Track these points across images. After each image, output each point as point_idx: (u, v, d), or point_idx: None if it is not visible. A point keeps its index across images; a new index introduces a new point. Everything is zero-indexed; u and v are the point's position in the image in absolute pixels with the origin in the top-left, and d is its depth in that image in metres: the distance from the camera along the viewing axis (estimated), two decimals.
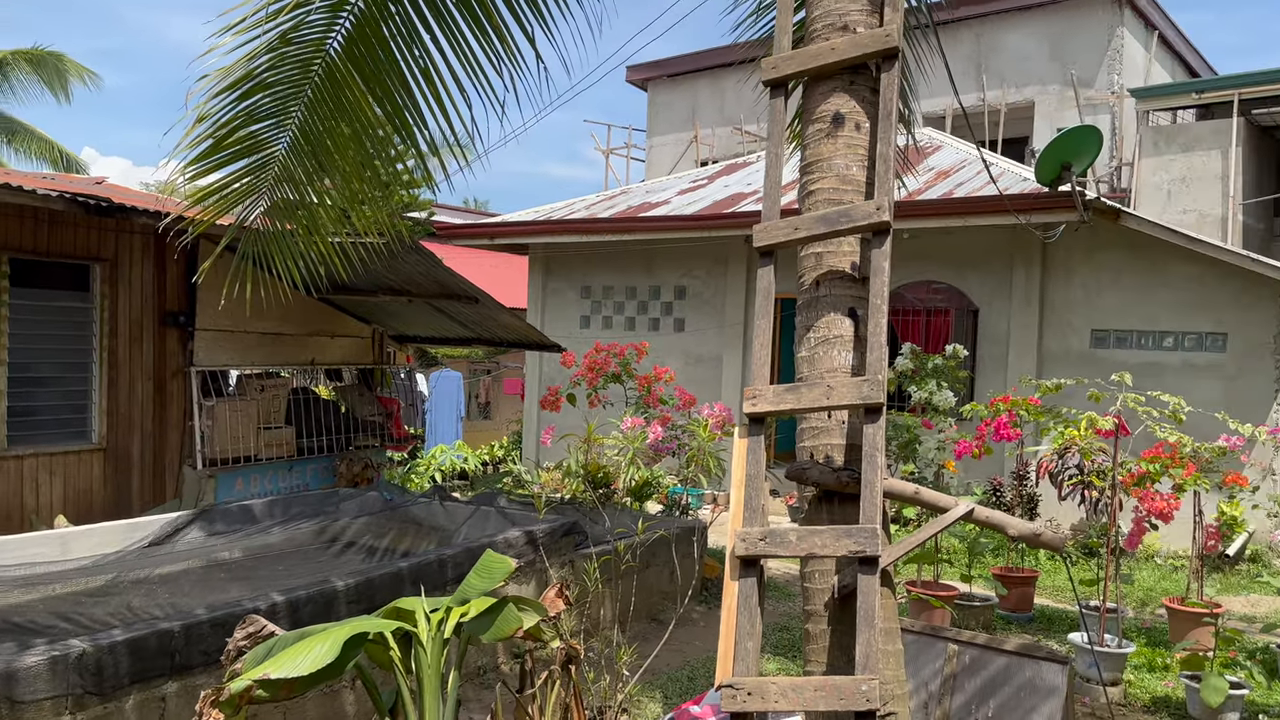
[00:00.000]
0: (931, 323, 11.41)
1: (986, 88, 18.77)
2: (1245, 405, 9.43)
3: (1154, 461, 6.27)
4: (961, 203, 10.21)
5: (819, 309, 3.42)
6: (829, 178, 3.43)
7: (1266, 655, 6.39)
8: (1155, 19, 18.99)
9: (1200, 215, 17.10)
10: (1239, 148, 17.06)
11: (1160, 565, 9.38)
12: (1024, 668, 3.74)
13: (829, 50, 3.39)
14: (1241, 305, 9.69)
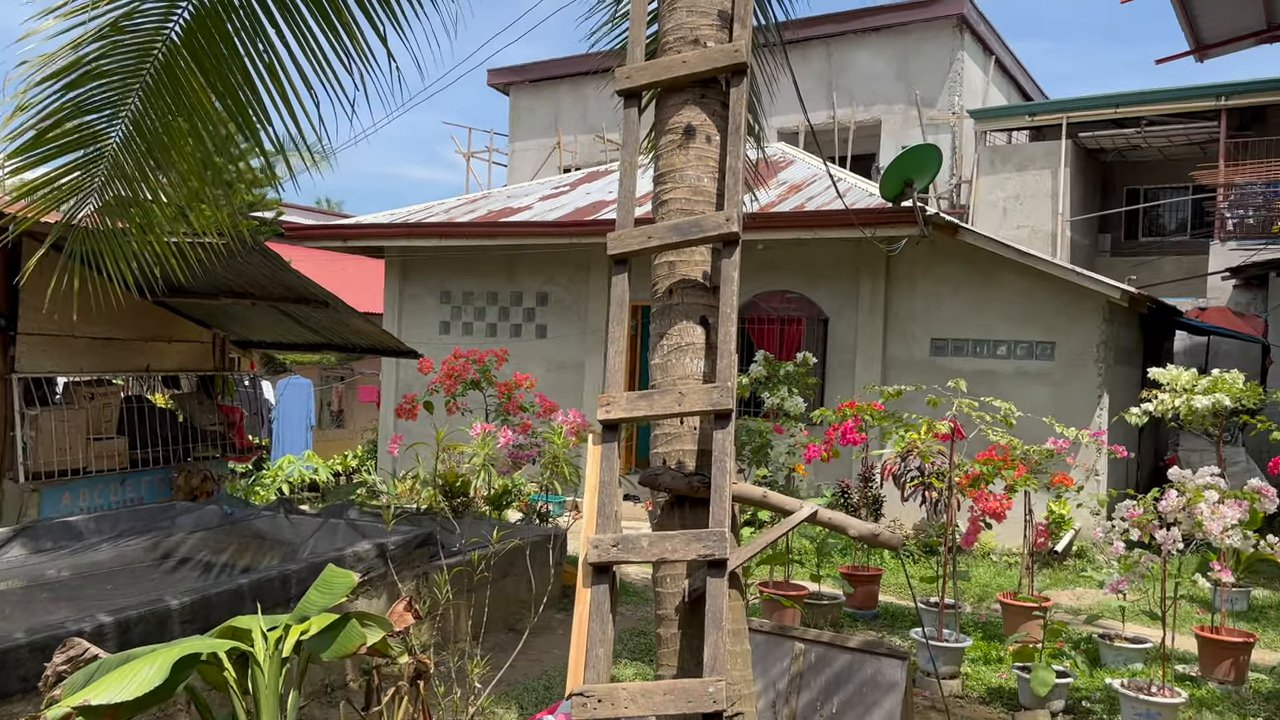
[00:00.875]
0: (785, 331, 11.74)
1: (837, 105, 19.50)
2: (1072, 410, 10.08)
3: (987, 464, 6.63)
4: (812, 216, 10.56)
5: (672, 317, 3.47)
6: (682, 188, 3.49)
7: (1090, 645, 6.84)
8: (993, 45, 20.16)
9: (1033, 231, 18.25)
10: (1067, 168, 18.30)
11: (995, 562, 9.91)
12: (866, 664, 3.89)
13: (680, 63, 3.44)
14: (1068, 316, 10.36)
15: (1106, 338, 10.24)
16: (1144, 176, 20.42)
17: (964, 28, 18.72)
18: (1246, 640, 6.32)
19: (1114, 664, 6.42)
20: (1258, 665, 6.62)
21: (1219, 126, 16.98)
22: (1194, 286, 17.38)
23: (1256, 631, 7.20)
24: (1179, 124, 17.81)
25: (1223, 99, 16.71)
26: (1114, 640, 6.58)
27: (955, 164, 19.19)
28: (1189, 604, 8.11)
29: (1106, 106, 17.71)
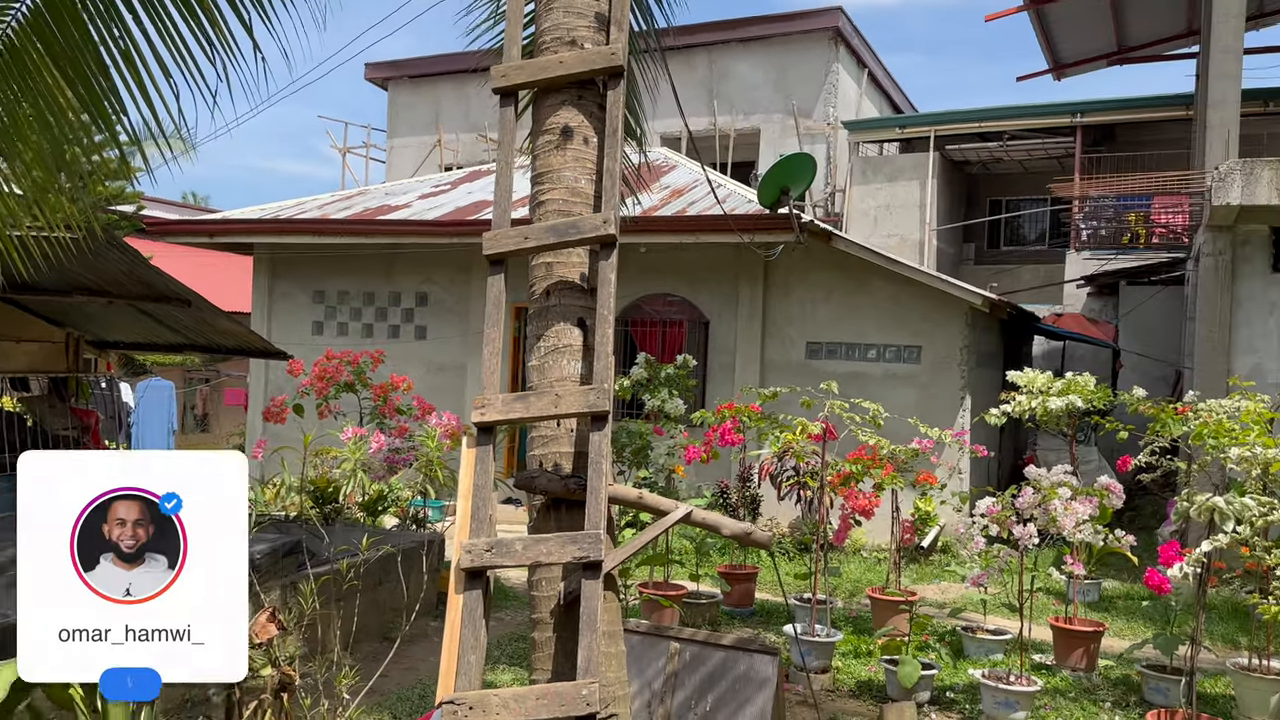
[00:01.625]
0: (667, 334, 11.85)
1: (718, 113, 19.80)
2: (937, 411, 10.49)
3: (857, 463, 6.84)
4: (693, 220, 10.69)
5: (549, 319, 3.45)
6: (559, 189, 3.47)
7: (954, 637, 7.13)
8: (866, 58, 20.83)
9: (902, 239, 18.92)
10: (935, 179, 19.05)
11: (866, 558, 10.23)
12: (739, 661, 3.95)
13: (557, 64, 3.43)
14: (934, 321, 10.78)
15: (969, 342, 10.70)
16: (1006, 188, 21.45)
17: (839, 41, 19.28)
18: (1097, 630, 6.70)
19: (976, 655, 6.70)
20: (1107, 653, 7.01)
21: (1075, 142, 17.98)
22: (1051, 294, 18.35)
23: (1106, 621, 7.62)
24: (1038, 139, 18.78)
25: (1078, 116, 17.70)
26: (976, 632, 6.87)
27: (830, 173, 19.74)
28: (1046, 596, 8.53)
29: (971, 121, 18.53)
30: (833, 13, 18.95)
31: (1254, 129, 15.70)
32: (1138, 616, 8.10)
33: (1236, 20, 10.05)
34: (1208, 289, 9.81)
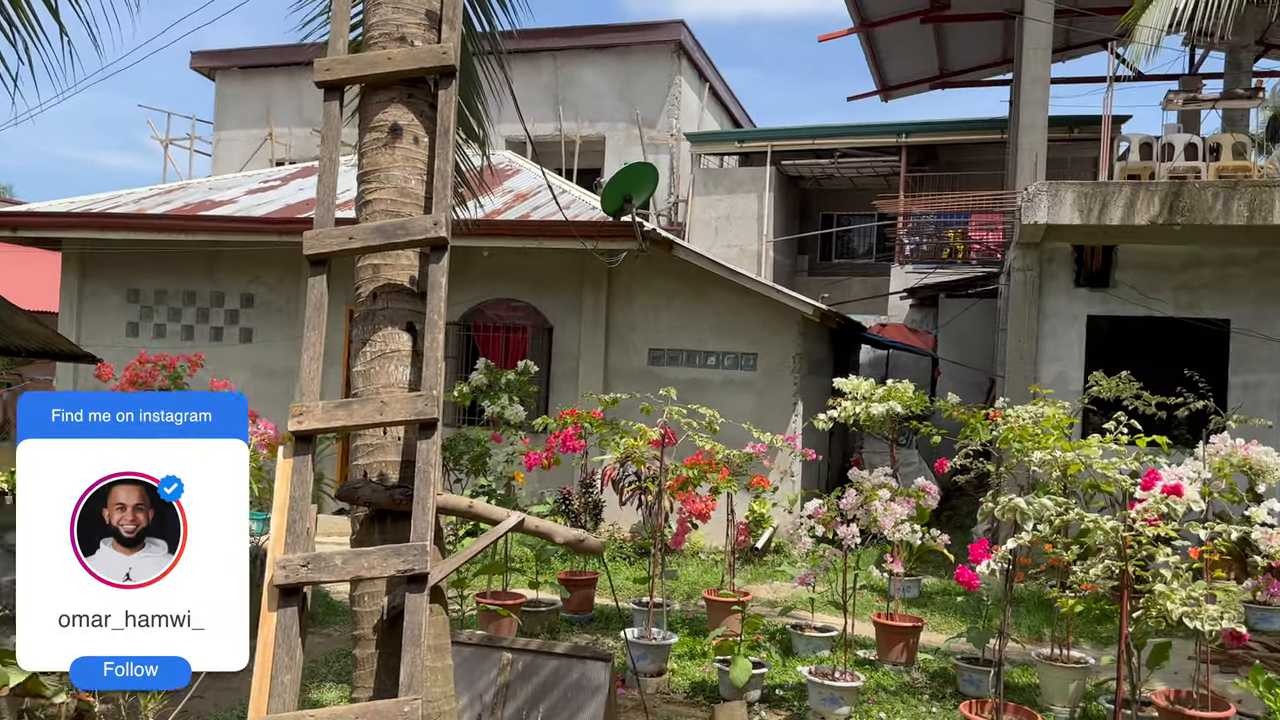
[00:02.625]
0: (511, 339, 11.73)
1: (563, 118, 19.81)
2: (772, 416, 10.81)
3: (694, 468, 6.95)
4: (537, 225, 10.63)
5: (376, 322, 3.34)
6: (387, 189, 3.36)
7: (784, 635, 7.33)
8: (708, 72, 21.30)
9: (741, 250, 19.42)
10: (771, 193, 19.65)
11: (704, 560, 10.41)
12: (572, 668, 3.93)
13: (386, 60, 3.33)
14: (769, 330, 11.11)
15: (802, 350, 11.08)
16: (838, 203, 22.38)
17: (681, 54, 19.65)
18: (916, 625, 7.04)
19: (805, 653, 6.92)
20: (925, 646, 7.37)
21: (900, 161, 18.94)
22: (878, 305, 19.26)
23: (925, 616, 8.02)
24: (867, 157, 19.68)
25: (903, 136, 18.66)
26: (805, 630, 7.10)
27: (673, 183, 20.07)
28: (870, 593, 8.91)
29: (806, 137, 19.23)
30: (675, 26, 19.29)
31: (1061, 153, 16.97)
32: (954, 611, 8.55)
33: (1045, 51, 10.82)
34: (1017, 302, 10.51)
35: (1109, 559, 4.28)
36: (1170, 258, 10.16)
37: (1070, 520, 4.41)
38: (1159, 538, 4.24)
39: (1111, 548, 4.29)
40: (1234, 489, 5.61)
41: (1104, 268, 10.29)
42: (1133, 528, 4.25)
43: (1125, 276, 10.27)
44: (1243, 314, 9.99)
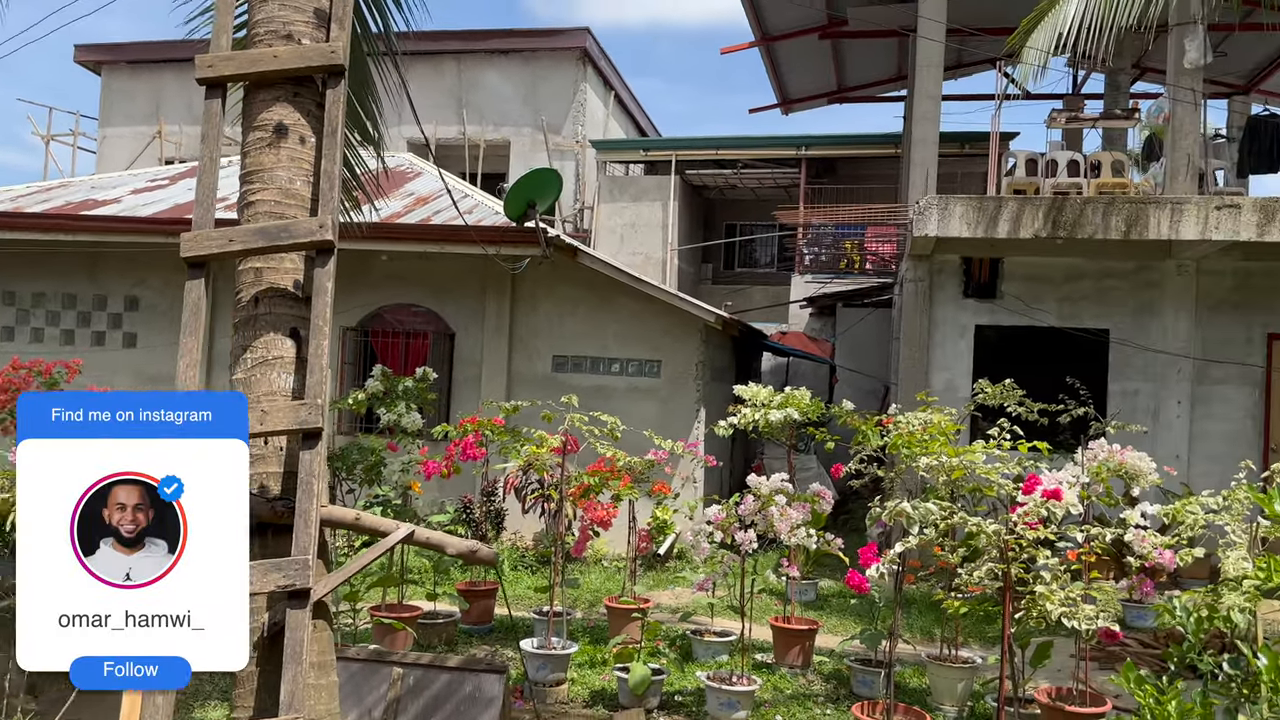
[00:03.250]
0: (411, 345, 11.53)
1: (467, 122, 19.61)
2: (675, 423, 10.88)
3: (596, 475, 6.93)
4: (438, 230, 10.48)
5: (258, 328, 3.23)
6: (271, 189, 3.26)
7: (684, 641, 7.36)
8: (613, 80, 21.37)
9: (646, 258, 19.52)
10: (676, 201, 19.81)
11: (607, 568, 10.40)
12: (465, 682, 3.86)
13: (271, 57, 3.22)
14: (673, 337, 11.17)
15: (704, 357, 11.18)
16: (741, 213, 22.70)
17: (587, 61, 19.66)
18: (811, 627, 7.16)
19: (704, 658, 6.96)
20: (821, 649, 7.49)
21: (800, 173, 19.32)
22: (779, 313, 19.59)
23: (821, 619, 8.16)
24: (768, 169, 20.02)
25: (803, 149, 19.05)
26: (704, 635, 7.14)
27: (579, 190, 20.06)
28: (769, 597, 9.03)
29: (709, 148, 19.46)
30: (580, 33, 19.30)
31: (952, 168, 17.55)
32: (849, 613, 8.73)
33: (936, 69, 11.18)
34: (909, 312, 10.81)
35: (992, 561, 4.43)
36: (1053, 270, 10.60)
37: (955, 524, 4.54)
38: (1039, 540, 4.41)
39: (994, 550, 4.43)
40: (1110, 493, 5.87)
41: (991, 279, 10.67)
42: (1014, 531, 4.41)
43: (1011, 288, 10.67)
44: (1121, 324, 10.48)
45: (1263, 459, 9.85)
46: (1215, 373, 10.26)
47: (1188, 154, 10.07)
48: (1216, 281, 10.31)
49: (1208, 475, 9.65)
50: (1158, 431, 10.23)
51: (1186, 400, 10.27)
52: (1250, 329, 10.25)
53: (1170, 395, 10.30)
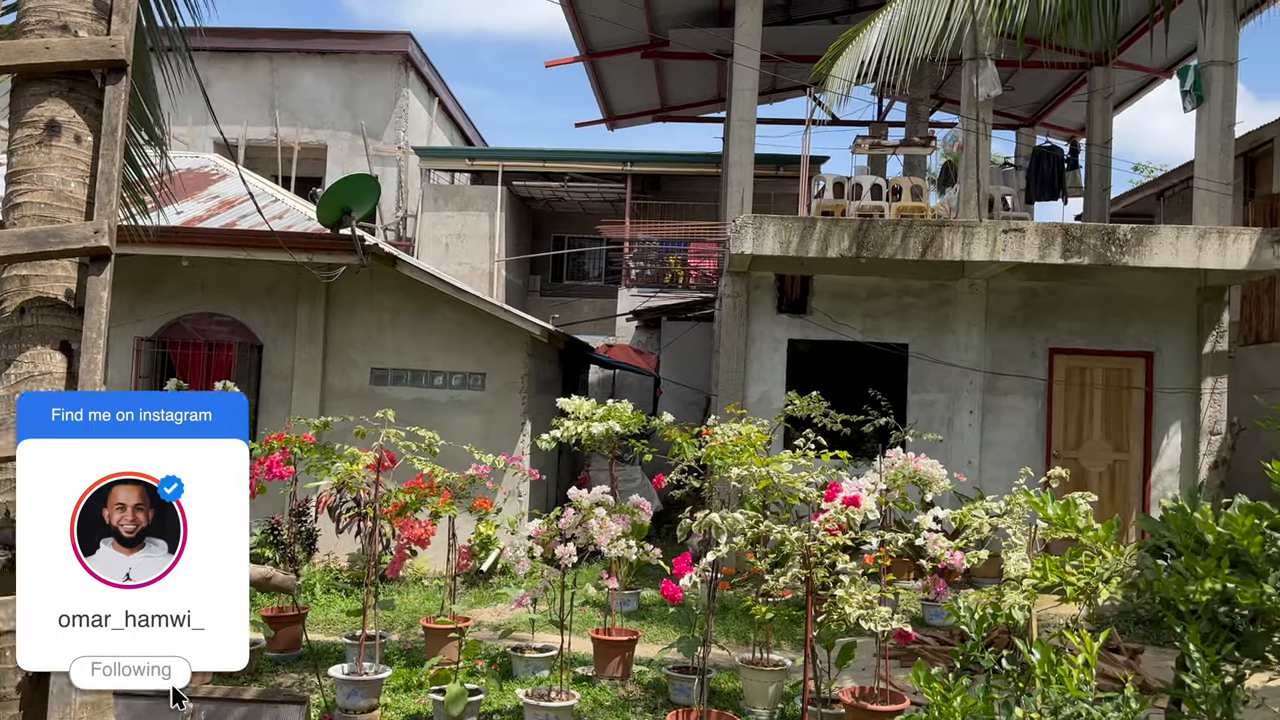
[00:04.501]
0: (214, 357, 10.91)
1: (280, 123, 18.81)
2: (500, 436, 10.76)
3: (412, 492, 6.75)
4: (243, 235, 9.97)
5: (24, 341, 2.97)
6: (41, 191, 3.01)
7: (504, 659, 7.27)
8: (437, 87, 21.03)
9: (473, 268, 19.27)
10: (504, 212, 19.67)
11: (428, 587, 10.15)
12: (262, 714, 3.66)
13: (43, 49, 2.98)
14: (497, 349, 11.06)
15: (530, 370, 11.13)
16: (568, 225, 22.79)
17: (409, 66, 19.27)
18: (631, 638, 7.22)
19: (525, 675, 6.90)
20: (641, 659, 7.58)
21: (626, 188, 19.59)
22: (607, 326, 19.77)
23: (642, 629, 8.26)
24: (595, 183, 20.19)
25: (629, 165, 19.32)
26: (525, 652, 7.08)
27: (402, 197, 19.60)
28: (593, 609, 9.06)
29: (536, 160, 19.45)
30: (402, 38, 18.90)
31: (769, 189, 18.23)
32: (669, 622, 8.87)
33: (751, 93, 11.60)
34: (728, 326, 11.15)
35: (796, 567, 4.60)
36: (858, 287, 11.18)
37: (762, 532, 4.70)
38: (839, 545, 4.62)
39: (798, 556, 4.61)
40: (905, 498, 6.23)
41: (803, 295, 11.15)
42: (816, 537, 4.60)
43: (820, 304, 11.18)
44: (919, 339, 11.16)
45: (1045, 464, 10.71)
46: (1003, 384, 11.08)
47: (978, 181, 10.86)
48: (1004, 300, 11.14)
49: (996, 480, 10.42)
50: (952, 439, 10.95)
51: (978, 410, 11.04)
52: (1034, 344, 11.13)
53: (963, 405, 11.05)
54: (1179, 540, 3.86)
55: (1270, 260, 9.65)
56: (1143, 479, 10.94)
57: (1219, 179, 10.42)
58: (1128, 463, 11.00)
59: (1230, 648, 3.86)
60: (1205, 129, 10.54)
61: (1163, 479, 10.85)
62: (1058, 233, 9.83)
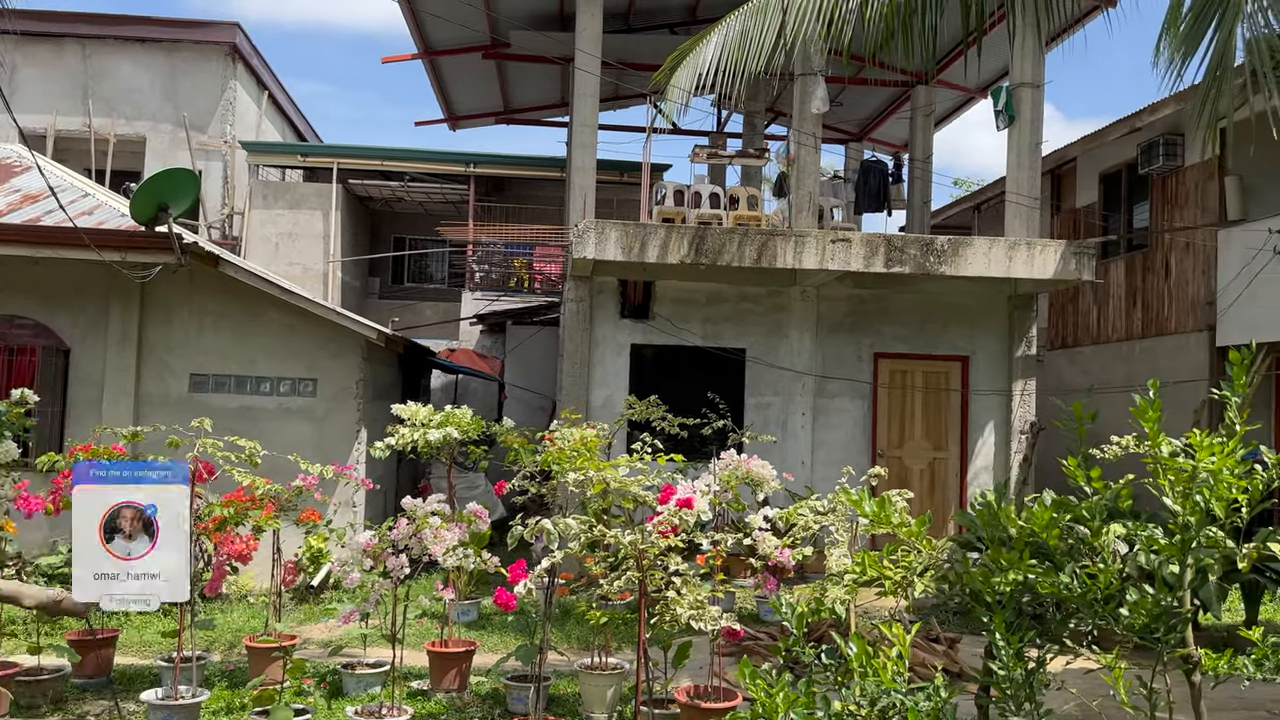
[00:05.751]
0: (15, 363, 10.07)
1: (94, 114, 17.61)
2: (334, 445, 10.37)
3: (231, 505, 6.41)
4: (47, 232, 9.25)
5: None
6: None
7: (335, 676, 6.99)
8: (267, 80, 20.16)
9: (305, 269, 18.57)
10: (339, 211, 19.04)
11: (254, 604, 9.66)
12: None
13: None
14: (330, 353, 10.65)
15: (366, 375, 10.78)
16: (409, 226, 22.26)
17: (237, 58, 18.40)
18: (469, 649, 7.08)
19: (356, 692, 6.65)
20: (480, 669, 7.43)
21: (469, 189, 19.31)
22: (452, 330, 19.42)
23: (482, 639, 8.12)
24: (437, 183, 19.81)
25: (472, 166, 19.06)
26: (356, 668, 6.83)
27: (228, 194, 18.68)
28: (431, 621, 8.83)
29: (375, 158, 18.92)
30: (230, 28, 18.03)
31: (612, 194, 18.37)
32: (510, 630, 8.76)
33: (593, 99, 11.63)
34: (571, 330, 11.14)
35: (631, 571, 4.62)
36: (698, 294, 11.40)
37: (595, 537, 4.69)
38: (672, 548, 4.67)
39: (632, 560, 4.63)
40: (738, 499, 6.37)
41: (645, 300, 11.27)
42: (650, 540, 4.63)
43: (662, 309, 11.33)
44: (755, 344, 11.47)
45: (871, 463, 11.20)
46: (832, 388, 11.53)
47: (809, 192, 11.26)
48: (834, 306, 11.60)
49: (827, 479, 10.81)
50: (786, 440, 11.31)
51: (810, 412, 11.44)
52: (860, 348, 11.63)
53: (796, 408, 11.42)
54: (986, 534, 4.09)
55: (1073, 270, 10.42)
56: (960, 475, 11.60)
57: (1028, 194, 11.17)
58: (946, 460, 11.64)
59: (1033, 635, 4.11)
60: (1016, 147, 11.28)
61: (979, 475, 11.53)
62: (881, 243, 10.31)
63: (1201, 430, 3.90)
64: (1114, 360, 13.89)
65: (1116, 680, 3.83)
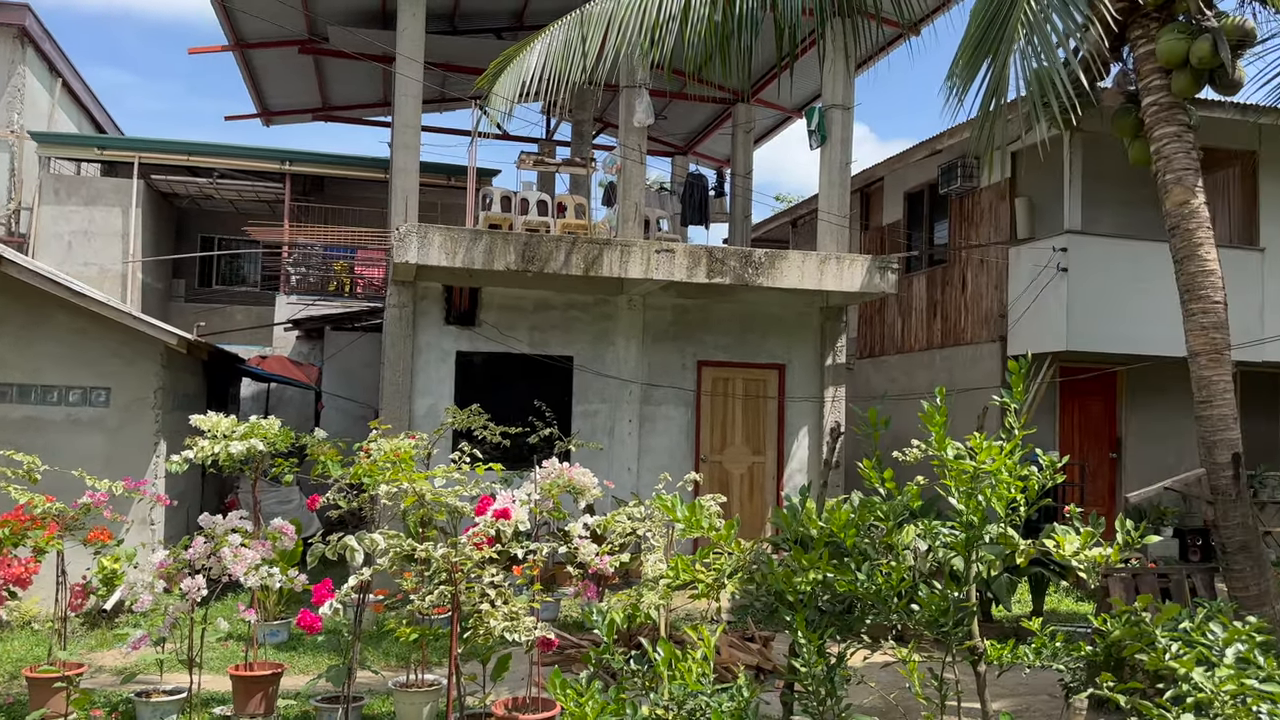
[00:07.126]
0: None
1: None
2: (129, 458, 9.69)
3: (4, 526, 5.87)
4: None
5: None
6: None
7: (128, 706, 6.51)
8: (61, 67, 18.70)
9: (102, 270, 17.31)
10: (140, 208, 17.85)
11: (38, 631, 8.89)
12: None
13: None
14: (125, 360, 9.95)
15: (166, 383, 10.14)
16: (219, 226, 21.08)
17: (27, 41, 16.96)
18: (276, 671, 6.73)
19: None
20: (289, 691, 7.09)
21: (285, 188, 18.49)
22: (265, 336, 18.51)
23: (292, 660, 7.76)
24: (250, 180, 18.86)
25: (288, 164, 18.26)
26: (152, 696, 6.38)
27: (14, 187, 17.17)
28: (237, 643, 8.37)
29: (180, 153, 17.83)
30: (19, 9, 16.59)
31: (438, 198, 18.03)
32: (324, 651, 8.42)
33: (416, 100, 11.36)
34: (393, 337, 10.84)
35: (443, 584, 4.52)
36: (526, 301, 11.33)
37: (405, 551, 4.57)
38: (487, 559, 4.60)
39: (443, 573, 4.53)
40: (559, 507, 6.35)
41: (471, 307, 11.10)
42: (463, 552, 4.55)
43: (489, 316, 11.20)
44: (583, 352, 11.50)
45: (695, 468, 11.44)
46: (658, 395, 11.70)
47: (635, 203, 11.41)
48: (659, 315, 11.78)
49: (653, 485, 10.94)
50: (614, 447, 11.40)
51: (636, 419, 11.57)
52: (684, 356, 11.87)
53: (623, 415, 11.53)
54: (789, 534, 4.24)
55: (878, 283, 11.00)
56: (777, 479, 12.02)
57: (839, 211, 11.72)
58: (764, 464, 12.04)
59: (833, 631, 4.30)
60: (828, 166, 11.81)
61: (794, 478, 11.97)
62: (703, 254, 10.56)
63: (983, 434, 4.19)
64: (917, 368, 14.75)
65: (911, 672, 4.05)
